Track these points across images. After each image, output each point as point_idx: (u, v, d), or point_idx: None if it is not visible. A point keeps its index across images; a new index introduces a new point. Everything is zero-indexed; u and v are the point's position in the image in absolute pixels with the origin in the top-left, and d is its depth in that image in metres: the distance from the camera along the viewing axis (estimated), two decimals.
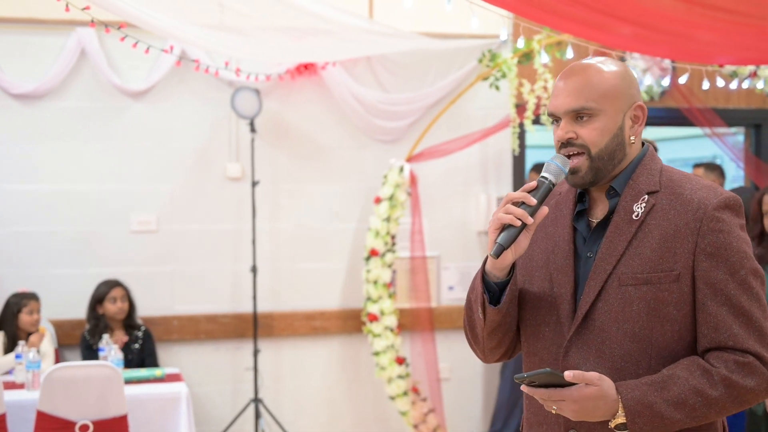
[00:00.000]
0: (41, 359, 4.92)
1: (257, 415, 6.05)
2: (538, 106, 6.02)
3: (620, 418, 1.89)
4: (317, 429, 6.35)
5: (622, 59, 6.49)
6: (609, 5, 4.64)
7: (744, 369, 1.90)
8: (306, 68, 6.22)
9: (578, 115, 2.04)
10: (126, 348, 5.40)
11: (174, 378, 5.04)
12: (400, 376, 6.07)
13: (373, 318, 6.06)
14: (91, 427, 4.29)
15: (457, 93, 6.37)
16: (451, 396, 6.42)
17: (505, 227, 1.96)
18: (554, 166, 2.02)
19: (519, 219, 1.94)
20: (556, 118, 2.09)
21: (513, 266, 2.05)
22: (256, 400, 6.05)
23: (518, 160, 6.62)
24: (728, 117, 6.93)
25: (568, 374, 1.86)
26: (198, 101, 6.18)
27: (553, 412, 1.95)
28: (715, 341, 1.93)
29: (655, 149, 5.73)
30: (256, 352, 6.06)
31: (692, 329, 1.98)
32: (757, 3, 5.40)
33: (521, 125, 6.22)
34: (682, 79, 6.35)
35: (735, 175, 8.41)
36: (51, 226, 5.97)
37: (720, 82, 6.39)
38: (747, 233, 2.03)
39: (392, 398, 6.13)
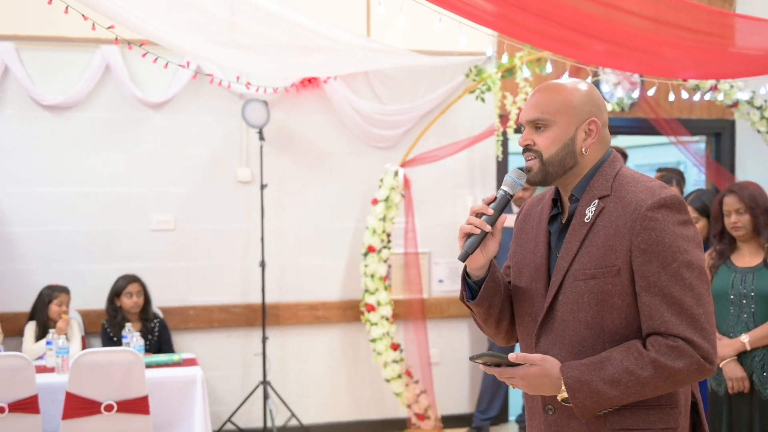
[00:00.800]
0: (70, 345, 4.93)
1: (265, 396, 6.06)
2: (519, 117, 6.02)
3: (564, 393, 1.97)
4: (320, 409, 6.36)
5: (596, 74, 6.51)
6: (584, 25, 4.64)
7: (674, 352, 1.94)
8: (310, 82, 6.23)
9: (536, 125, 2.12)
10: (143, 337, 5.39)
11: (190, 362, 5.04)
12: (395, 361, 6.09)
13: (371, 308, 6.08)
14: (115, 407, 4.29)
15: (446, 104, 6.38)
16: (441, 379, 6.43)
17: (469, 235, 2.08)
18: (510, 180, 2.12)
19: (478, 228, 2.06)
20: (522, 127, 2.18)
21: (491, 265, 2.15)
22: (265, 383, 6.06)
23: (502, 165, 6.62)
24: (691, 126, 6.95)
25: (512, 356, 1.98)
26: (212, 112, 6.19)
27: (512, 387, 2.06)
28: (650, 328, 1.98)
29: (625, 156, 5.75)
30: (264, 339, 6.07)
31: (638, 316, 2.02)
32: (718, 24, 5.41)
33: (504, 134, 6.25)
34: (650, 92, 6.37)
35: (697, 179, 8.43)
36: (78, 225, 5.97)
37: (684, 95, 6.41)
38: (689, 228, 2.03)
39: (387, 381, 6.14)
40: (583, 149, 2.12)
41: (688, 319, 1.95)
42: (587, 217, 2.08)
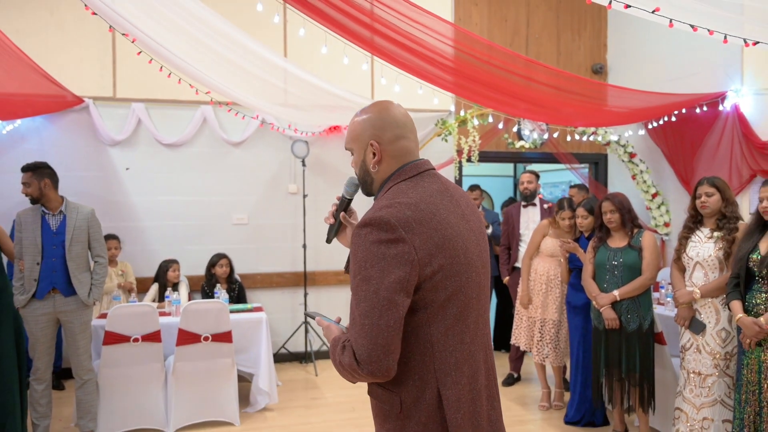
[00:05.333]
0: (180, 299, 4.91)
1: (306, 331, 6.05)
2: (469, 151, 6.01)
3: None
4: None
5: (519, 123, 6.49)
6: (512, 91, 4.64)
7: (343, 349, 1.49)
8: (335, 128, 6.24)
9: (351, 154, 1.74)
10: (228, 293, 5.37)
11: (258, 309, 5.01)
12: None
13: None
14: (210, 338, 4.27)
15: (422, 143, 6.35)
16: None
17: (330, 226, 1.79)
18: (345, 188, 1.80)
19: (331, 218, 1.78)
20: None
21: None
22: (306, 322, 6.05)
23: (458, 183, 6.61)
24: (579, 158, 6.94)
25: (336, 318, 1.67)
26: (272, 148, 6.17)
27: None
28: None
29: (537, 176, 5.67)
30: (305, 295, 6.05)
31: None
32: (597, 91, 5.41)
33: (459, 162, 6.22)
34: (555, 135, 6.36)
35: None
36: (186, 220, 5.97)
37: (576, 137, 6.42)
38: (390, 247, 1.45)
39: None
40: (371, 167, 1.66)
41: (353, 324, 1.48)
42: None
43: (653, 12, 2.73)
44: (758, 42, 3.03)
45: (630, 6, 2.66)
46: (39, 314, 3.85)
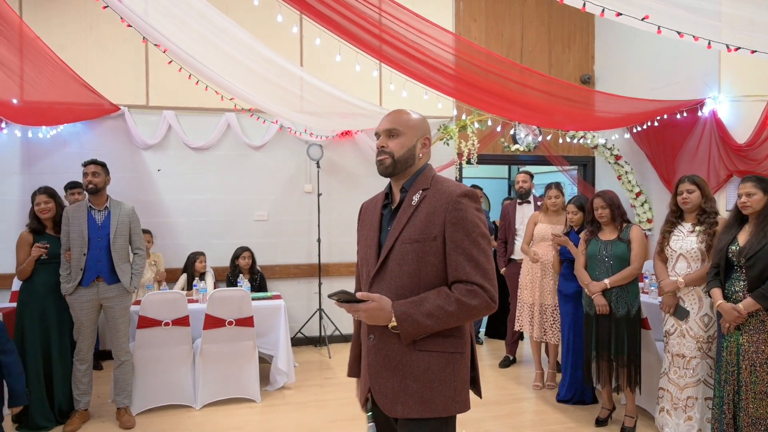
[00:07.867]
0: (207, 287, 4.87)
1: (320, 318, 6.00)
2: (469, 154, 5.95)
3: (393, 322, 1.68)
4: (353, 325, 6.28)
5: (515, 126, 6.42)
6: (509, 97, 4.59)
7: (470, 293, 1.68)
8: (346, 133, 6.20)
9: (390, 134, 1.83)
10: (250, 283, 5.33)
11: (277, 297, 4.97)
12: None
13: None
14: (234, 323, 4.24)
15: None
16: None
17: None
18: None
19: None
20: (378, 135, 1.86)
21: None
22: (320, 309, 6.00)
23: None
24: (570, 160, 6.86)
25: (359, 294, 1.68)
26: (289, 150, 6.13)
27: (355, 317, 1.75)
28: (455, 276, 1.70)
29: (532, 176, 5.61)
30: (320, 284, 6.01)
31: (445, 270, 1.74)
32: (585, 97, 5.34)
33: (460, 164, 6.18)
34: (548, 138, 6.28)
35: (572, 191, 8.32)
36: (212, 217, 5.94)
37: (567, 140, 6.35)
38: (481, 213, 1.77)
39: None
40: (419, 154, 1.85)
41: (481, 271, 1.70)
42: (414, 201, 1.79)
43: (643, 19, 2.66)
44: (739, 47, 2.95)
45: (621, 14, 2.58)
46: (84, 300, 3.83)
